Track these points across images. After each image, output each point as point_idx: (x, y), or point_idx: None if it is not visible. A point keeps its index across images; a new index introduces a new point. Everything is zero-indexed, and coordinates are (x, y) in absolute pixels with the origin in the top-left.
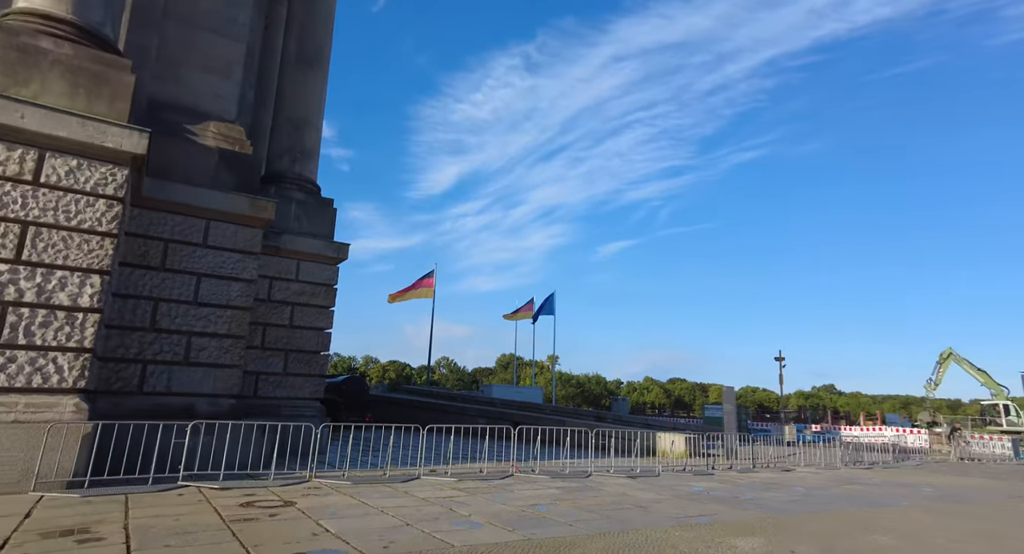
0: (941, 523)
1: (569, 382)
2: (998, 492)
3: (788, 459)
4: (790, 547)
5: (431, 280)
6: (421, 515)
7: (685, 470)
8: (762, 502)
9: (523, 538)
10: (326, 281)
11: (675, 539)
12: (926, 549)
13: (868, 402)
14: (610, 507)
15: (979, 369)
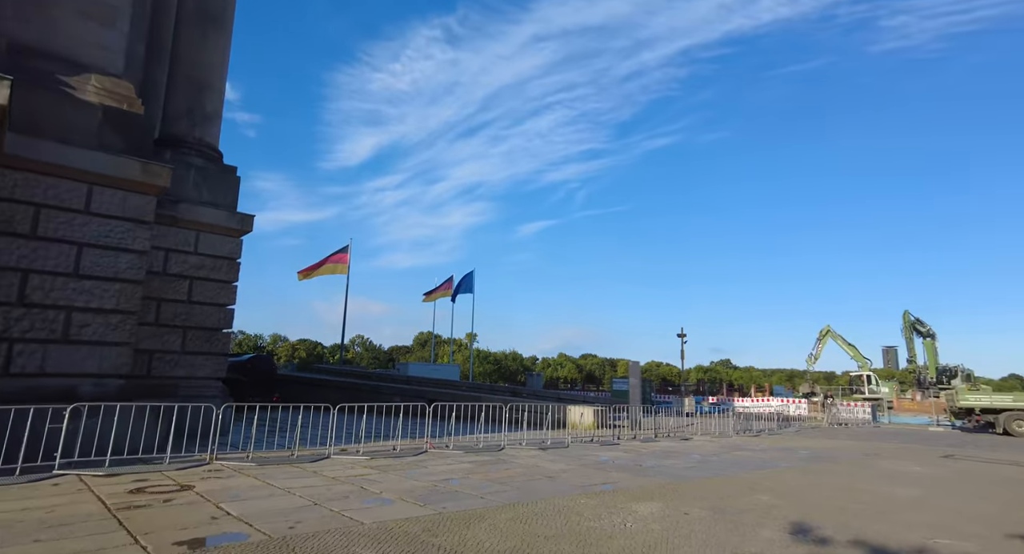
0: (812, 481)
1: (487, 359)
2: (857, 452)
3: (687, 429)
4: (684, 510)
5: (345, 256)
6: (330, 494)
7: (593, 441)
8: (662, 469)
9: (434, 512)
10: (228, 254)
11: (580, 507)
12: (799, 504)
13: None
14: (521, 478)
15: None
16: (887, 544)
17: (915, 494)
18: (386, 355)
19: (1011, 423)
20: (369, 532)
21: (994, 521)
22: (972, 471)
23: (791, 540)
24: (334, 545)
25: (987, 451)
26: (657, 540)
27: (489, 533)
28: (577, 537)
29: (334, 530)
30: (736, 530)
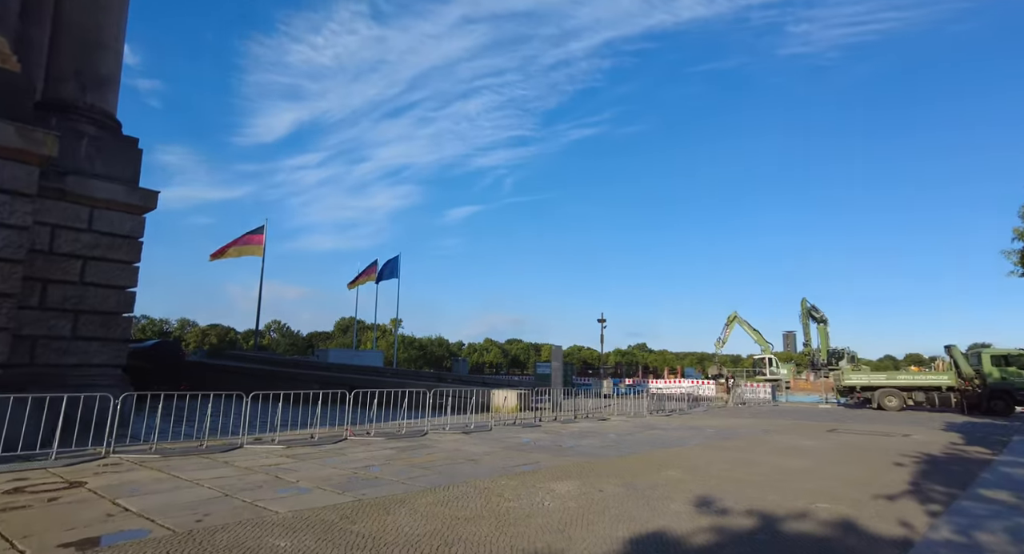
0: (716, 456)
1: (412, 345)
2: (757, 428)
3: (605, 410)
4: (600, 487)
5: (260, 236)
6: (243, 484)
7: (516, 423)
8: (580, 449)
9: (353, 499)
10: (128, 233)
11: (501, 488)
12: (704, 478)
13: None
14: (443, 463)
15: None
16: (777, 511)
17: (803, 465)
18: (305, 341)
19: (883, 399)
20: (284, 522)
21: (865, 485)
22: (851, 442)
23: (696, 512)
24: (246, 537)
25: (864, 424)
26: (573, 517)
27: (409, 517)
28: (497, 517)
29: (246, 521)
30: (647, 504)
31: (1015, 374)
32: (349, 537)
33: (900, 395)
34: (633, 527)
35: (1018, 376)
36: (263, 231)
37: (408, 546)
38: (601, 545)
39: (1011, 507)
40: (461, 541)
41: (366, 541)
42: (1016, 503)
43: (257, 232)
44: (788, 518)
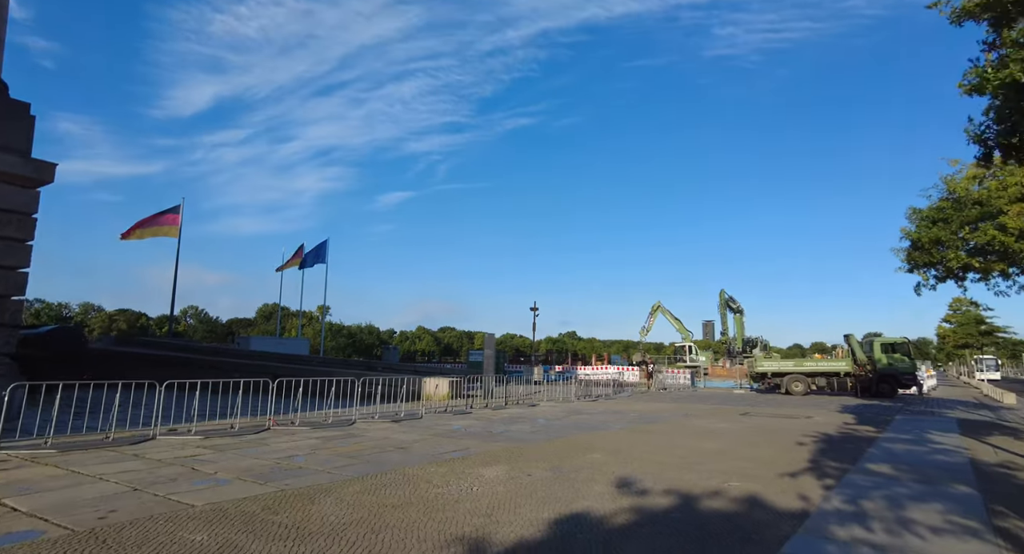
0: (638, 439)
1: (340, 333)
2: (678, 413)
3: (535, 396)
4: (528, 471)
5: (176, 216)
6: (154, 478)
7: (447, 411)
8: (509, 434)
9: (276, 490)
10: (20, 208)
11: (430, 475)
12: (626, 460)
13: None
14: (371, 451)
15: (676, 318)
16: (693, 490)
17: (718, 447)
18: (224, 328)
19: (791, 384)
20: (201, 515)
21: (773, 464)
22: (761, 425)
23: (618, 493)
24: (158, 532)
25: (773, 408)
26: (501, 501)
27: (335, 506)
28: (425, 504)
29: (158, 516)
30: (572, 487)
31: (900, 360)
32: (272, 528)
33: (805, 380)
34: (558, 509)
35: (902, 362)
36: (179, 211)
37: (333, 535)
38: (527, 527)
39: (890, 478)
40: (388, 528)
41: (289, 531)
42: (894, 474)
43: (172, 212)
44: (703, 496)
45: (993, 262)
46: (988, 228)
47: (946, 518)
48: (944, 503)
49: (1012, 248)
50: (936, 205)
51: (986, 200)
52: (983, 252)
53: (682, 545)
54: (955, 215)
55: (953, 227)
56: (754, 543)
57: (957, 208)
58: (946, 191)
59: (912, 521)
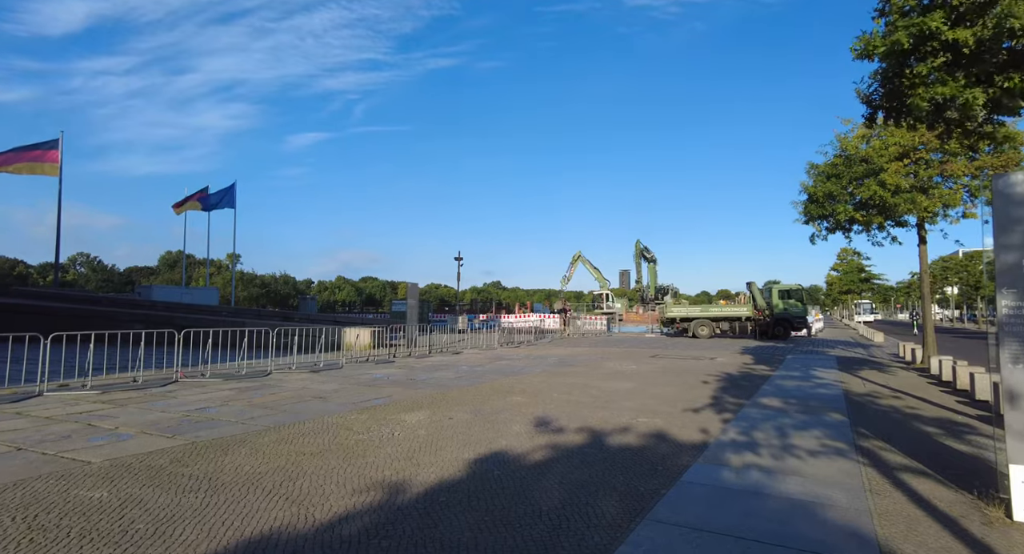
0: (557, 381)
1: (252, 282)
2: (594, 356)
3: (459, 344)
4: (449, 415)
5: (54, 153)
6: (43, 436)
7: (369, 361)
8: (432, 381)
9: (186, 442)
10: None
11: (351, 422)
12: (544, 401)
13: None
14: (289, 401)
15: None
16: (604, 427)
17: (629, 387)
18: (123, 277)
19: (697, 328)
20: (99, 471)
21: (677, 402)
22: (669, 366)
23: (535, 432)
24: (47, 491)
25: (681, 350)
26: (423, 444)
27: (250, 457)
28: (345, 450)
29: (48, 475)
30: (492, 427)
31: (794, 306)
32: (182, 480)
33: (710, 325)
34: (478, 449)
35: (796, 307)
36: (58, 146)
37: (249, 484)
38: (448, 468)
39: (778, 410)
40: (306, 475)
41: (201, 483)
42: (782, 407)
43: (50, 146)
44: (614, 432)
45: (873, 215)
46: (871, 184)
47: (821, 442)
48: (820, 429)
49: (889, 202)
50: (831, 161)
51: (871, 158)
52: (866, 206)
53: (593, 477)
54: (845, 171)
55: (843, 182)
56: (659, 474)
57: (847, 165)
58: (839, 148)
59: (794, 446)
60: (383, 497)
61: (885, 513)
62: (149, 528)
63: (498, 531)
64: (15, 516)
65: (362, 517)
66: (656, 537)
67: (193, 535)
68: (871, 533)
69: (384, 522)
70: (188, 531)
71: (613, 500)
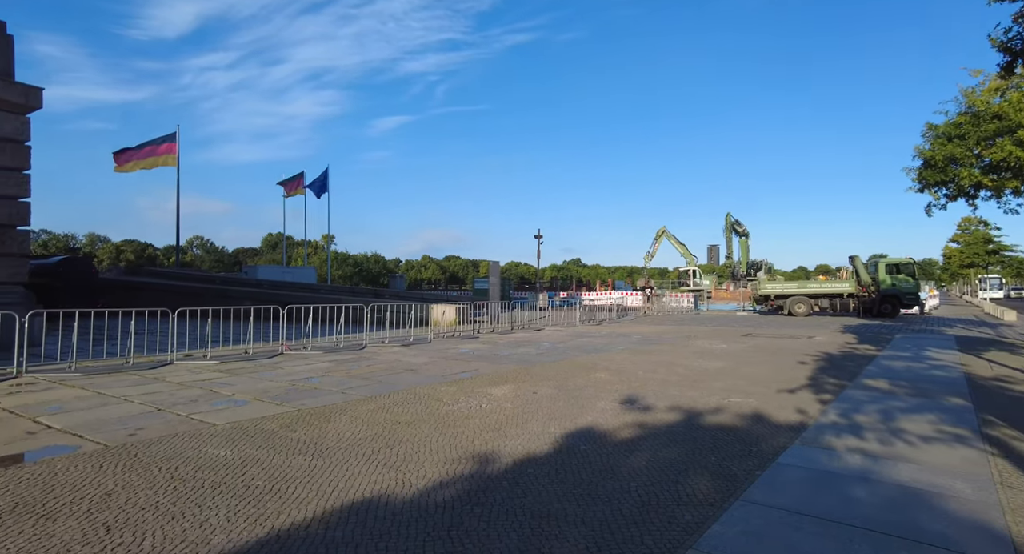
0: (641, 360)
1: (346, 262)
2: (680, 335)
3: (540, 321)
4: (533, 389)
5: (173, 145)
6: (175, 400)
7: (454, 336)
8: (515, 357)
9: (292, 409)
10: (12, 136)
11: (440, 394)
12: (629, 379)
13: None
14: (383, 373)
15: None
16: (694, 406)
17: (719, 366)
18: (231, 258)
19: (793, 306)
20: (222, 432)
21: (771, 382)
22: (763, 345)
23: (621, 409)
24: (184, 447)
25: (775, 329)
26: (510, 417)
27: (350, 424)
28: (436, 420)
29: (183, 433)
30: (577, 403)
31: (904, 281)
32: (291, 444)
33: (808, 302)
34: (564, 424)
35: (906, 282)
36: (175, 139)
37: (350, 449)
38: (534, 441)
39: (886, 392)
40: (402, 442)
41: (307, 446)
42: (890, 389)
43: (168, 140)
44: (704, 412)
45: (1007, 180)
46: (1005, 143)
47: (938, 428)
48: (937, 414)
49: None
50: (953, 121)
51: (1005, 114)
52: (997, 169)
53: (683, 455)
54: (972, 131)
55: (969, 143)
56: (753, 455)
57: (975, 123)
58: (965, 105)
59: (904, 431)
60: (474, 466)
61: (1022, 508)
62: (266, 485)
63: (586, 504)
64: (161, 467)
65: (455, 484)
66: (751, 518)
67: (304, 494)
68: (1003, 529)
69: (476, 490)
70: (300, 490)
71: (704, 479)
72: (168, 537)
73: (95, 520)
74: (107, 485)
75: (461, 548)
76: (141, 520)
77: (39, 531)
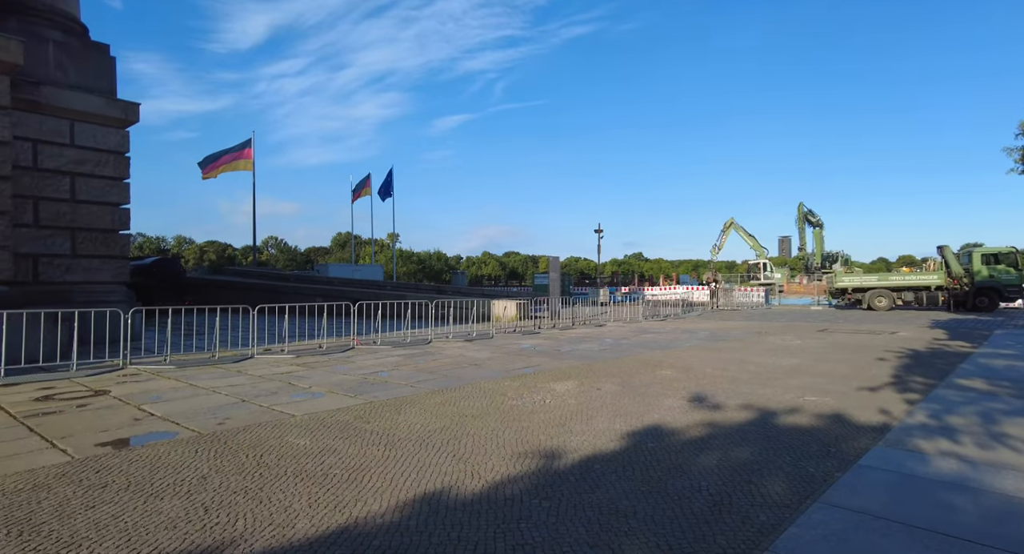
0: (709, 357)
1: (410, 259)
2: (750, 330)
3: (601, 317)
4: (597, 386)
5: (248, 150)
6: (257, 391)
7: (516, 331)
8: (577, 353)
9: (365, 402)
10: (114, 148)
11: (504, 388)
12: (698, 376)
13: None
14: (448, 367)
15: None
16: (768, 405)
17: (793, 363)
18: (303, 257)
19: (873, 300)
20: (301, 423)
21: (849, 380)
22: (840, 341)
23: (689, 407)
24: (267, 436)
25: (854, 324)
26: (574, 412)
27: (420, 416)
28: (502, 414)
29: (265, 423)
30: (643, 401)
31: (1003, 272)
32: (365, 435)
33: (890, 295)
34: (630, 421)
35: (1007, 273)
36: (251, 145)
37: (420, 441)
38: (600, 437)
39: (984, 393)
40: (469, 435)
41: (380, 437)
42: (989, 390)
43: (245, 146)
44: (778, 412)
45: None
46: None
47: None
48: None
49: None
50: None
51: None
52: None
53: (756, 455)
54: None
55: None
56: (831, 456)
57: None
58: None
59: (1008, 436)
60: (540, 460)
61: None
62: (343, 474)
63: (655, 501)
64: (248, 454)
65: (522, 478)
66: (831, 521)
67: (379, 483)
68: None
69: (543, 484)
70: (374, 479)
71: (779, 480)
72: (258, 520)
73: (195, 501)
74: (202, 469)
75: (531, 540)
76: (233, 503)
77: (149, 508)
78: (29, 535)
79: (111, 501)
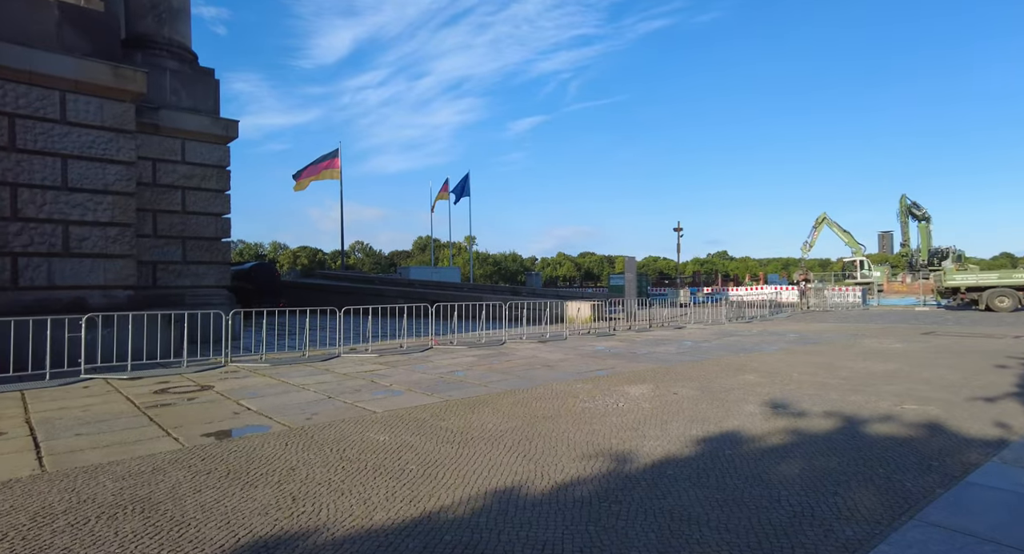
0: (796, 361)
1: (486, 261)
2: (843, 333)
3: (680, 318)
4: (674, 390)
5: (336, 160)
6: (342, 388)
7: (590, 333)
8: (654, 355)
9: (441, 400)
10: (217, 162)
11: (577, 390)
12: (782, 382)
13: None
14: (521, 368)
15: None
16: (859, 413)
17: (891, 368)
18: (387, 260)
19: (993, 299)
20: (381, 419)
21: (958, 388)
22: (949, 345)
23: (772, 413)
24: (349, 432)
25: (967, 326)
26: (647, 416)
27: (493, 415)
28: (574, 416)
29: (349, 419)
30: (722, 406)
31: None
32: (440, 432)
33: (1015, 295)
34: (707, 427)
35: None
36: (338, 155)
37: (492, 440)
38: (674, 442)
39: None
40: (540, 436)
41: (455, 435)
42: None
43: (333, 156)
44: (870, 420)
45: None
46: None
47: None
48: None
49: None
50: None
51: None
52: None
53: (843, 466)
54: None
55: None
56: (932, 470)
57: None
58: None
59: None
60: (611, 464)
61: None
62: (419, 470)
63: (731, 510)
64: (332, 448)
65: (592, 481)
66: (929, 541)
67: (451, 479)
68: None
69: (613, 488)
70: (447, 476)
71: (869, 494)
72: (340, 510)
73: (284, 490)
74: (291, 461)
75: (599, 543)
76: (318, 494)
77: (245, 495)
78: (149, 512)
79: (214, 487)
